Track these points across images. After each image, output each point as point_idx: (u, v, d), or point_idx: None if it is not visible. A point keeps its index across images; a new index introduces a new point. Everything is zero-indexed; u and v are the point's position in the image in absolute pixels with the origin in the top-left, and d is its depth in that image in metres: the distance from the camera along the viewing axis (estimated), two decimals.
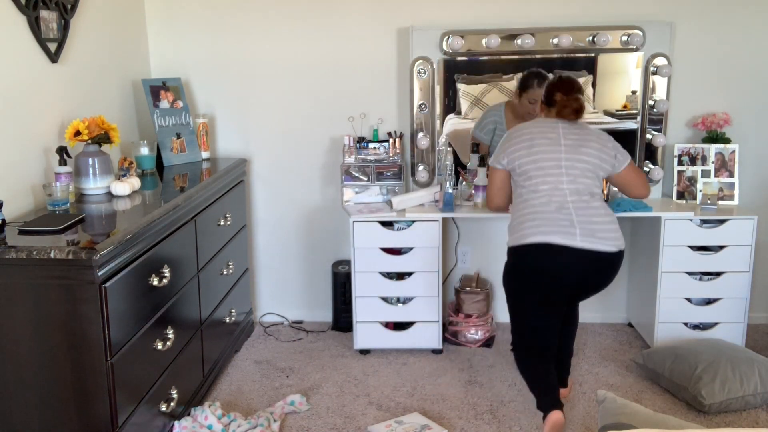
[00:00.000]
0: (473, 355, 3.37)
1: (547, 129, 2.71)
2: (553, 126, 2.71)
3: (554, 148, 2.66)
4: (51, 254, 1.99)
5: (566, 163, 2.64)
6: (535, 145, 2.66)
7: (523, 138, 2.70)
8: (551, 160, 2.64)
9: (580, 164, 2.63)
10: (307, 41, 3.48)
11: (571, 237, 2.54)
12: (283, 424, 2.78)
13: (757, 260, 3.38)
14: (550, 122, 2.73)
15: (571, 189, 2.61)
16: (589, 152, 2.66)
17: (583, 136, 2.70)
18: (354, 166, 3.38)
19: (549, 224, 2.57)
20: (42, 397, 2.10)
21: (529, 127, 2.73)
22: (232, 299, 3.27)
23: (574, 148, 2.65)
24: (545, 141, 2.67)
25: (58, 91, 2.70)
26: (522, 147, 2.68)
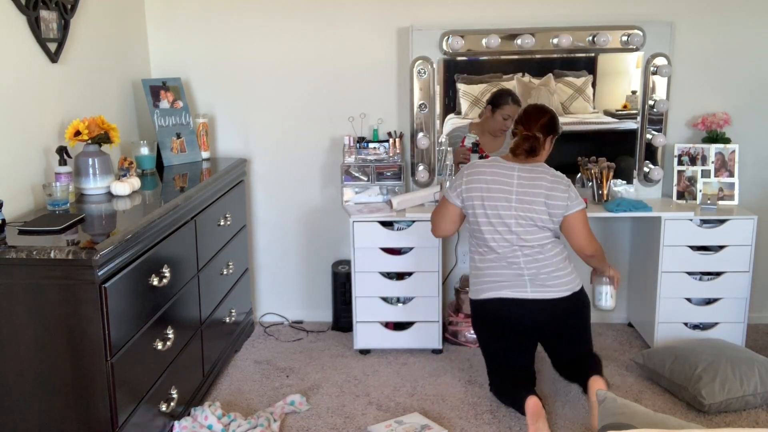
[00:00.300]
0: (473, 355, 3.37)
1: (504, 176, 2.75)
2: (509, 173, 2.75)
3: (506, 202, 2.72)
4: (51, 254, 1.99)
5: (516, 218, 2.72)
6: (490, 197, 2.74)
7: (479, 184, 2.76)
8: (503, 216, 2.72)
9: (531, 214, 2.71)
10: (308, 41, 3.48)
11: (521, 289, 2.75)
12: (283, 424, 2.78)
13: (757, 260, 3.38)
14: (507, 166, 2.76)
15: (522, 242, 2.73)
16: (538, 201, 2.70)
17: (535, 181, 2.72)
18: (354, 166, 3.38)
19: (501, 279, 2.77)
20: (42, 397, 2.10)
21: (485, 173, 2.77)
22: (232, 299, 3.27)
23: (526, 199, 2.71)
24: (499, 194, 2.74)
25: (58, 91, 2.70)
26: (476, 196, 2.77)
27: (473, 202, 2.77)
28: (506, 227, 2.73)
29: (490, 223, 2.75)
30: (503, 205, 2.72)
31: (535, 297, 2.74)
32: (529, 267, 2.73)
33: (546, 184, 2.71)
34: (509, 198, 2.72)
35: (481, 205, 2.75)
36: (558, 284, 2.74)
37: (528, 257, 2.73)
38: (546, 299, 2.74)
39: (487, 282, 2.80)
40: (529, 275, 2.74)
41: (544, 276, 2.73)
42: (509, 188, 2.73)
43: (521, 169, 2.75)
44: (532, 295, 2.74)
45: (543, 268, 2.73)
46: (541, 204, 2.70)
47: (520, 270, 2.74)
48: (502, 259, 2.75)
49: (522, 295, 2.74)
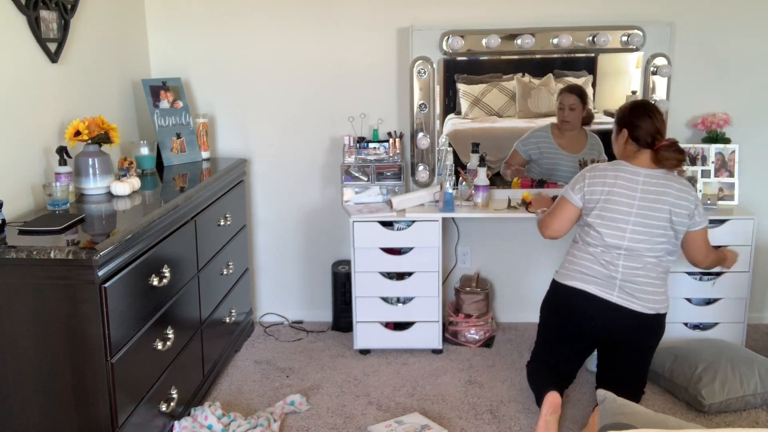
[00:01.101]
0: (473, 355, 3.37)
1: (628, 180, 2.66)
2: (633, 178, 2.66)
3: (627, 207, 2.64)
4: (51, 254, 1.99)
5: (635, 220, 2.63)
6: (611, 200, 2.66)
7: (602, 187, 2.68)
8: (619, 221, 2.64)
9: (651, 221, 2.62)
10: (307, 41, 3.48)
11: (609, 291, 2.67)
12: (283, 424, 2.78)
13: (757, 260, 3.38)
14: (631, 170, 2.67)
15: (630, 250, 2.65)
16: (663, 208, 2.62)
17: (661, 188, 2.63)
18: (354, 166, 3.37)
19: (593, 274, 2.70)
20: (42, 397, 2.10)
21: (608, 175, 2.68)
22: (232, 299, 3.27)
23: (651, 203, 2.62)
24: (622, 198, 2.65)
25: (58, 91, 2.70)
26: (598, 199, 2.68)
27: (592, 204, 2.69)
28: (620, 231, 2.64)
29: (604, 225, 2.66)
30: (623, 210, 2.64)
31: (619, 303, 2.65)
32: (624, 273, 2.66)
33: (673, 192, 2.62)
34: (632, 203, 2.64)
35: (601, 207, 2.67)
36: (646, 299, 2.66)
37: (628, 264, 2.66)
38: (629, 309, 2.65)
39: (578, 271, 2.73)
40: (622, 280, 2.66)
41: (635, 286, 2.65)
42: (633, 193, 2.64)
43: (647, 175, 2.65)
44: (617, 300, 2.66)
45: (637, 278, 2.66)
46: (665, 212, 2.62)
47: (615, 272, 2.66)
48: (601, 257, 2.68)
49: (607, 297, 2.66)
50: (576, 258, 2.76)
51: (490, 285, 3.69)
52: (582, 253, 2.74)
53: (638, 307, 2.66)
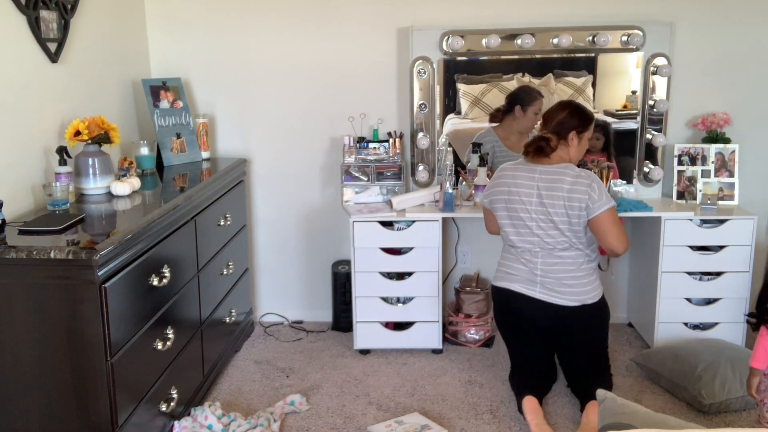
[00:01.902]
0: (473, 355, 3.37)
1: (526, 179, 2.75)
2: (530, 175, 2.75)
3: (527, 203, 2.73)
4: (51, 254, 1.99)
5: (536, 221, 2.72)
6: (512, 200, 2.77)
7: (502, 187, 2.80)
8: (524, 219, 2.74)
9: (552, 217, 2.70)
10: (307, 41, 3.48)
11: (531, 287, 2.78)
12: (283, 424, 2.78)
13: (757, 260, 3.37)
14: (529, 168, 2.77)
15: (544, 244, 2.73)
16: (557, 204, 2.68)
17: (555, 183, 2.70)
18: (354, 166, 3.37)
19: (515, 272, 2.82)
20: (42, 397, 2.10)
21: (508, 176, 2.80)
22: (232, 299, 3.27)
23: (547, 200, 2.70)
24: (520, 197, 2.75)
25: (58, 91, 2.70)
26: (500, 199, 2.81)
27: (497, 204, 2.82)
28: (528, 229, 2.75)
29: (513, 225, 2.79)
30: (523, 207, 2.73)
31: (541, 298, 2.76)
32: (543, 269, 2.75)
33: (566, 186, 2.67)
34: (530, 201, 2.72)
35: (504, 207, 2.79)
36: (567, 292, 2.74)
37: (545, 260, 2.75)
38: (551, 303, 2.75)
39: (503, 272, 2.86)
40: (541, 276, 2.76)
41: (553, 281, 2.74)
42: (530, 191, 2.72)
43: (543, 171, 2.73)
44: (539, 296, 2.76)
45: (556, 273, 2.74)
46: (560, 207, 2.68)
47: (534, 269, 2.77)
48: (521, 256, 2.80)
49: (529, 293, 2.77)
50: (503, 260, 2.89)
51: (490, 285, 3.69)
52: (506, 254, 2.88)
53: (559, 300, 2.74)
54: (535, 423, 2.62)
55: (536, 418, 2.65)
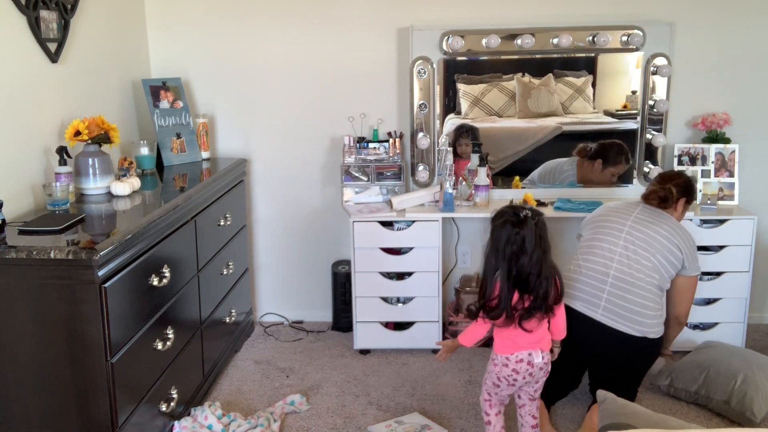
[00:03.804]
0: (473, 355, 3.37)
1: (623, 209, 2.78)
2: (631, 206, 2.78)
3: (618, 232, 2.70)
4: (51, 254, 1.99)
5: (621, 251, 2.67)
6: (603, 224, 2.75)
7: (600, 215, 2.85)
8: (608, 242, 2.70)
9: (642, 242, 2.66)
10: (307, 41, 3.48)
11: (593, 308, 2.67)
12: (283, 424, 2.78)
13: (757, 260, 3.38)
14: (632, 202, 2.81)
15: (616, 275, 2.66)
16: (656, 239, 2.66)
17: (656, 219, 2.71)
18: (354, 166, 3.37)
19: (579, 291, 2.71)
20: (42, 397, 2.10)
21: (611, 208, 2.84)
22: (232, 299, 3.27)
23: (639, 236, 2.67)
24: (613, 223, 2.74)
25: (58, 91, 2.70)
26: (594, 222, 2.83)
27: (589, 226, 2.83)
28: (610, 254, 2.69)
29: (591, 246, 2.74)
30: (614, 233, 2.71)
31: (602, 322, 2.63)
32: (611, 294, 2.65)
33: (666, 227, 2.68)
34: (621, 229, 2.70)
35: (594, 229, 2.76)
36: (635, 321, 2.62)
37: (616, 288, 2.65)
38: (612, 328, 2.62)
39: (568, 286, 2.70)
40: (607, 300, 2.65)
41: (620, 308, 2.63)
42: (624, 220, 2.72)
43: (644, 208, 2.77)
44: (601, 319, 2.64)
45: (626, 302, 2.63)
46: (658, 244, 2.64)
47: (601, 292, 2.67)
48: (591, 269, 2.71)
49: (591, 314, 2.66)
50: (567, 272, 2.78)
51: None
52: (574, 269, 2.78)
53: (622, 327, 2.63)
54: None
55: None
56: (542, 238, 2.26)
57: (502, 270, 2.27)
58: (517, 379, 2.36)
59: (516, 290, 2.27)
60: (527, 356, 2.32)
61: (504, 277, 2.26)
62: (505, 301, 2.26)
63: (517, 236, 2.24)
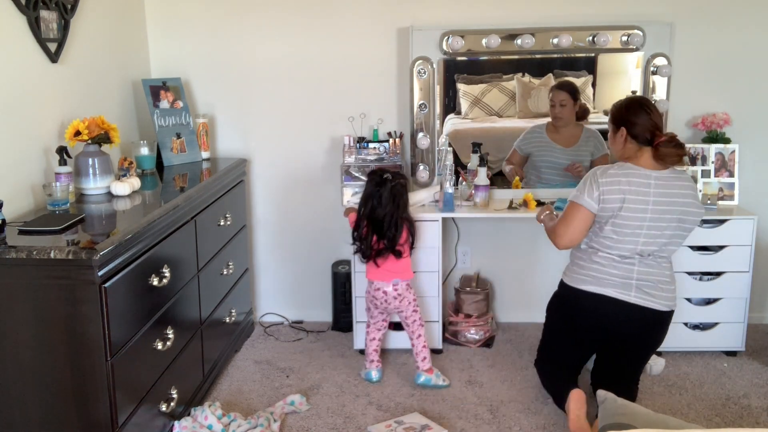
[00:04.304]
0: (473, 355, 3.37)
1: (641, 186, 2.58)
2: (645, 182, 2.58)
3: (641, 214, 2.58)
4: (51, 254, 1.99)
5: (648, 224, 2.59)
6: (626, 208, 2.57)
7: (617, 194, 2.58)
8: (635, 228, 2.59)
9: (664, 224, 2.59)
10: (307, 41, 3.48)
11: (626, 292, 2.65)
12: (283, 424, 2.78)
13: (757, 260, 3.38)
14: (642, 174, 2.59)
15: (643, 251, 2.63)
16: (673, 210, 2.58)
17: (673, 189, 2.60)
18: (354, 166, 3.37)
19: (607, 276, 2.66)
20: (42, 397, 2.10)
21: (623, 183, 2.58)
22: (232, 299, 3.27)
23: (660, 212, 2.59)
24: (636, 205, 2.58)
25: (58, 91, 2.70)
26: (614, 207, 2.58)
27: (610, 212, 2.60)
28: (634, 237, 2.60)
29: (618, 232, 2.61)
30: (637, 216, 2.58)
31: (636, 303, 2.64)
32: (640, 273, 2.65)
33: (682, 200, 2.59)
34: (645, 209, 2.58)
35: (616, 215, 2.59)
36: (662, 297, 2.67)
37: (642, 268, 2.65)
38: (648, 308, 2.65)
39: (592, 276, 2.68)
40: (638, 280, 2.65)
41: (650, 284, 2.65)
42: (646, 198, 2.58)
43: (657, 178, 2.59)
44: (635, 300, 2.64)
45: (652, 276, 2.65)
46: (675, 213, 2.59)
47: (630, 273, 2.64)
48: (616, 261, 2.65)
49: (625, 298, 2.64)
50: (587, 262, 2.70)
51: (490, 285, 3.69)
52: (593, 257, 2.69)
53: (656, 305, 2.66)
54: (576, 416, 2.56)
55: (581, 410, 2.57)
56: (395, 196, 2.92)
57: (364, 217, 2.97)
58: (378, 304, 3.07)
59: (374, 234, 2.96)
60: (382, 285, 3.03)
61: (364, 223, 2.97)
62: (364, 241, 2.99)
63: (376, 193, 2.93)
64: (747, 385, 3.06)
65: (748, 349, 3.34)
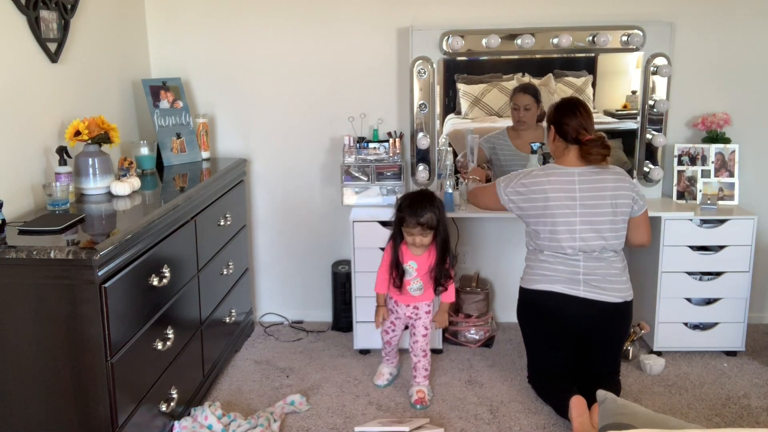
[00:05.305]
0: (473, 355, 3.37)
1: (564, 183, 2.70)
2: (569, 179, 2.71)
3: (570, 206, 2.69)
4: (51, 254, 1.99)
5: (581, 223, 2.69)
6: (550, 206, 2.70)
7: (536, 194, 2.72)
8: (567, 224, 2.70)
9: (597, 218, 2.68)
10: (308, 41, 3.48)
11: (574, 287, 2.74)
12: (283, 424, 2.78)
13: (757, 260, 3.38)
14: (566, 172, 2.72)
15: (584, 246, 2.71)
16: (603, 204, 2.68)
17: (599, 183, 2.69)
18: (354, 166, 3.37)
19: (555, 273, 2.76)
20: (42, 397, 2.10)
21: (543, 182, 2.72)
22: (232, 299, 3.27)
23: (589, 204, 2.68)
24: (562, 201, 2.69)
25: (58, 91, 2.70)
26: (535, 206, 2.73)
27: (531, 212, 2.76)
28: (570, 234, 2.71)
29: (552, 231, 2.73)
30: (566, 212, 2.69)
31: (586, 297, 2.73)
32: (586, 269, 2.73)
33: (610, 184, 2.70)
34: (573, 205, 2.69)
35: (542, 214, 2.73)
36: (612, 289, 2.74)
37: (588, 264, 2.74)
38: (597, 301, 2.73)
39: (539, 274, 2.80)
40: (584, 275, 2.74)
41: (598, 278, 2.73)
42: (572, 194, 2.70)
43: (581, 173, 2.71)
44: (584, 295, 2.73)
45: (600, 270, 2.74)
46: (606, 207, 2.68)
47: (576, 268, 2.74)
48: (561, 258, 2.75)
49: (574, 293, 2.74)
50: (536, 263, 2.82)
51: (490, 285, 3.69)
52: (539, 256, 2.80)
53: (606, 297, 2.74)
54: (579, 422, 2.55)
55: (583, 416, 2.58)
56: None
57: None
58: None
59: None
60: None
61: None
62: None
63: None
64: (747, 385, 3.06)
65: (748, 349, 3.34)
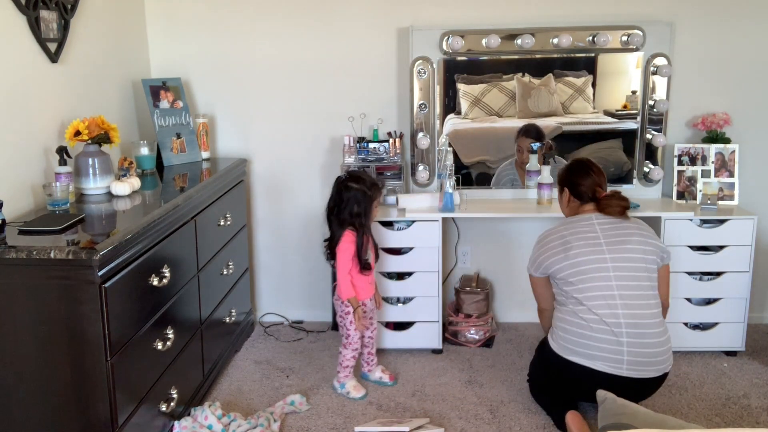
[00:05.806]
0: (473, 355, 3.37)
1: (582, 227, 2.64)
2: (587, 222, 2.65)
3: (595, 247, 2.58)
4: (51, 254, 1.99)
5: (612, 264, 2.56)
6: (571, 247, 2.60)
7: (553, 242, 2.66)
8: (594, 262, 2.57)
9: (629, 262, 2.56)
10: (307, 41, 3.48)
11: (617, 365, 2.53)
12: (283, 424, 2.78)
13: (757, 260, 3.38)
14: (583, 218, 2.68)
15: (624, 295, 2.54)
16: (632, 240, 2.59)
17: (623, 229, 2.62)
18: (354, 166, 3.37)
19: (595, 343, 2.55)
20: (42, 397, 2.10)
21: (559, 230, 2.68)
22: (232, 299, 3.27)
23: (618, 244, 2.57)
24: (582, 241, 2.60)
25: (58, 91, 2.70)
26: (555, 252, 2.64)
27: (552, 259, 2.64)
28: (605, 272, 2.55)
29: (582, 272, 2.57)
30: (592, 249, 2.56)
31: (629, 375, 2.52)
32: (629, 334, 2.50)
33: (632, 224, 2.63)
34: (597, 239, 2.58)
35: (564, 257, 2.60)
36: (657, 362, 2.54)
37: (631, 320, 2.51)
38: (640, 379, 2.54)
39: (578, 344, 2.58)
40: (629, 343, 2.50)
41: (644, 350, 2.52)
42: (593, 233, 2.60)
43: (601, 221, 2.65)
44: (627, 373, 2.52)
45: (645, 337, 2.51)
46: (637, 243, 2.59)
47: (619, 335, 2.51)
48: (599, 320, 2.53)
49: (616, 372, 2.52)
50: (571, 326, 2.60)
51: (490, 285, 3.69)
52: (575, 320, 2.59)
53: (650, 373, 2.56)
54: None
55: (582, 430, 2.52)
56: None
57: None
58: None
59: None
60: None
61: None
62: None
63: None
64: (747, 385, 3.06)
65: (748, 349, 3.34)
